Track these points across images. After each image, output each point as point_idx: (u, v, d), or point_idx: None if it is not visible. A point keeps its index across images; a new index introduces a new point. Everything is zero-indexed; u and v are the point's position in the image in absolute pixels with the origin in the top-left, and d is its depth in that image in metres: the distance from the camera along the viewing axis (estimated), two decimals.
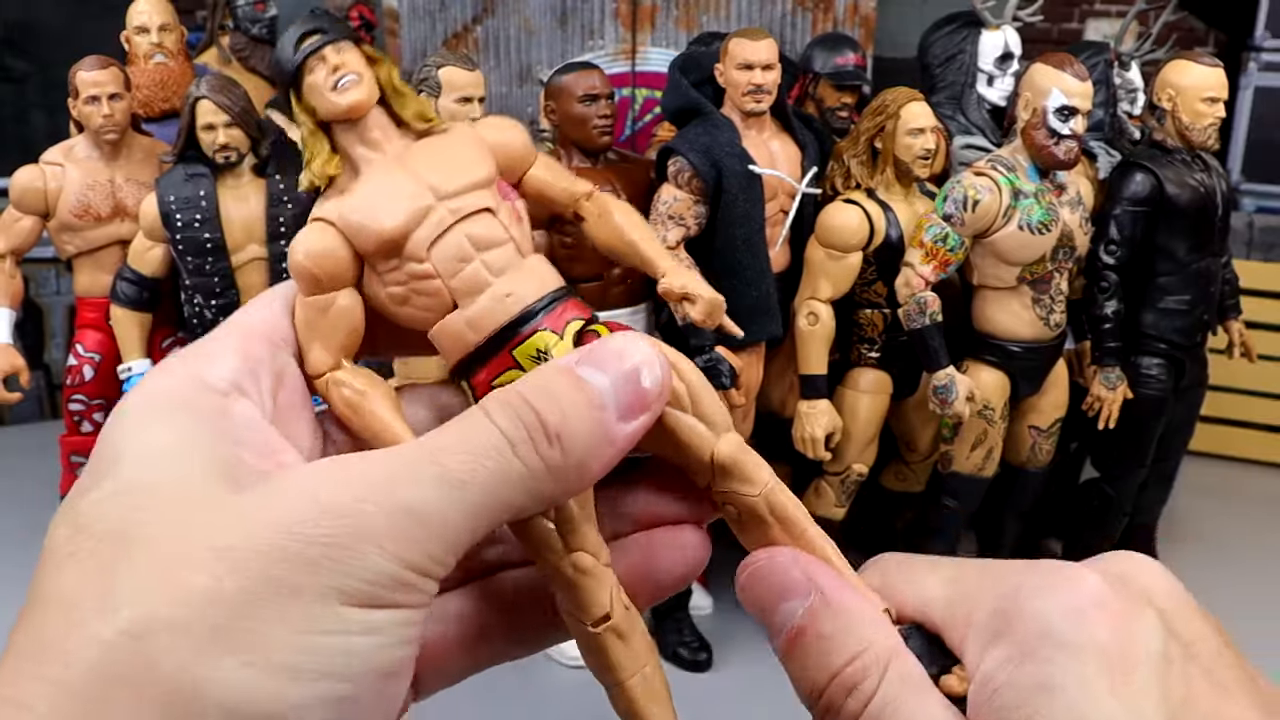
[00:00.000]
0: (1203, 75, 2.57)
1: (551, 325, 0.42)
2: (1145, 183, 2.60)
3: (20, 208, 2.67)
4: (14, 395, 2.66)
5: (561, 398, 0.36)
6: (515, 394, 0.35)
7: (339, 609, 0.31)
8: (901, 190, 2.55)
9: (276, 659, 0.30)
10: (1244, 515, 3.59)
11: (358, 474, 0.33)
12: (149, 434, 0.35)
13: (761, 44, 2.42)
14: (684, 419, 0.41)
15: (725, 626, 2.86)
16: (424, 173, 0.43)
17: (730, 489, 0.42)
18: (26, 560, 1.61)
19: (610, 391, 0.36)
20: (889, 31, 3.77)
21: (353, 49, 0.44)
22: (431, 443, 0.34)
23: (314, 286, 0.42)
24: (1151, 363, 2.72)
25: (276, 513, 0.32)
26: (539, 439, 0.35)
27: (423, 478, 0.33)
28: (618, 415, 0.36)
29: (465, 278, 0.42)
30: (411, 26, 3.24)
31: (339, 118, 0.44)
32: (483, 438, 0.34)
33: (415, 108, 0.45)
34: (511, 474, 0.34)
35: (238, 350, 0.39)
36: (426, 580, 0.33)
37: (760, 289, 2.46)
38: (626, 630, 0.41)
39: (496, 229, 0.43)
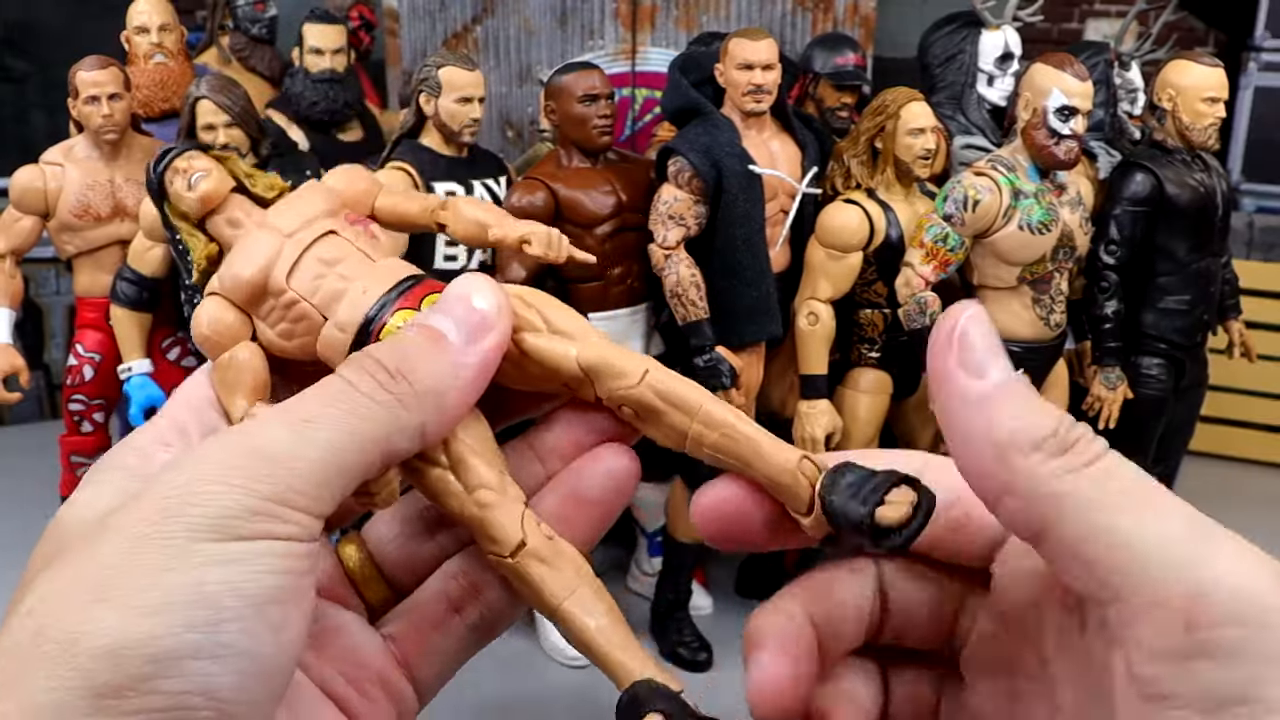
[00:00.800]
0: (1203, 75, 2.57)
1: (408, 304, 0.46)
2: (1145, 183, 2.60)
3: (20, 208, 2.67)
4: (14, 395, 2.66)
5: (401, 342, 0.40)
6: (360, 352, 0.40)
7: (197, 545, 0.34)
8: (902, 190, 2.55)
9: (142, 600, 0.32)
10: (1244, 515, 3.58)
11: (219, 436, 0.37)
12: (82, 490, 0.40)
13: (761, 44, 2.42)
14: (539, 338, 0.44)
15: (725, 626, 2.86)
16: (276, 223, 0.50)
17: (610, 389, 0.43)
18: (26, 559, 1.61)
19: (450, 325, 0.40)
20: (889, 31, 3.77)
21: (199, 155, 0.53)
22: (288, 401, 0.38)
23: (216, 349, 0.48)
24: (1151, 363, 2.72)
25: (153, 487, 0.35)
26: (382, 377, 0.38)
27: (270, 424, 0.37)
28: (462, 340, 0.40)
29: (325, 292, 0.47)
30: (411, 26, 3.24)
31: (201, 210, 0.52)
32: (331, 387, 0.38)
33: (265, 182, 0.53)
34: (361, 410, 0.37)
35: (167, 416, 0.44)
36: (288, 511, 0.35)
37: (760, 289, 2.46)
38: (549, 556, 0.42)
39: (343, 245, 0.49)
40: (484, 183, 2.54)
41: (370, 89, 3.46)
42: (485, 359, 0.41)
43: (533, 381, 0.44)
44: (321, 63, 2.97)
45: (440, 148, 2.49)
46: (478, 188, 2.53)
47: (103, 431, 2.80)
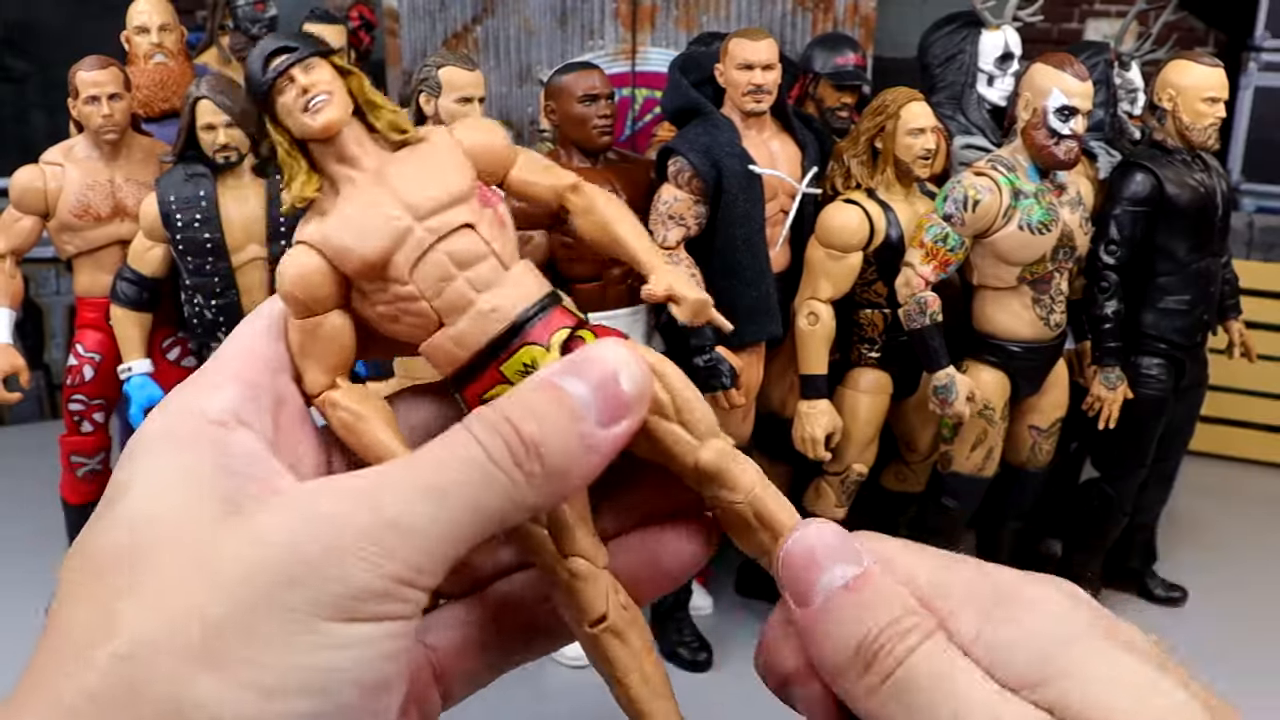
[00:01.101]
0: (1203, 75, 2.57)
1: (537, 337, 0.42)
2: (1145, 183, 2.60)
3: (20, 208, 2.67)
4: (14, 395, 2.66)
5: (539, 410, 0.36)
6: (494, 409, 0.36)
7: (318, 624, 0.31)
8: (902, 190, 2.55)
9: (255, 676, 0.30)
10: (1244, 515, 3.59)
11: (342, 490, 0.34)
12: (152, 469, 0.36)
13: (761, 44, 2.42)
14: (666, 426, 0.42)
15: (725, 626, 2.86)
16: (402, 190, 0.43)
17: (715, 495, 0.42)
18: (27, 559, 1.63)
19: (589, 399, 0.37)
20: (889, 31, 3.77)
21: (322, 65, 0.44)
22: (414, 458, 0.35)
23: (303, 310, 0.42)
24: (1151, 363, 2.72)
25: (264, 533, 0.33)
26: (517, 451, 0.35)
27: (403, 490, 0.34)
28: (598, 422, 0.37)
29: (449, 297, 0.42)
30: (411, 26, 3.24)
31: (314, 138, 0.44)
32: (463, 451, 0.35)
33: (388, 119, 0.45)
34: (492, 485, 0.35)
35: (236, 378, 0.39)
36: (410, 590, 0.33)
37: (760, 289, 2.46)
38: (624, 629, 0.42)
39: (477, 244, 0.43)
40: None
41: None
42: (618, 446, 0.38)
43: (640, 452, 0.42)
44: None
45: None
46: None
47: (103, 431, 2.80)
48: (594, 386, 0.37)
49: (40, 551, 2.97)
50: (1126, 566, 3.06)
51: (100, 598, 0.32)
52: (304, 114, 0.43)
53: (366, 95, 0.45)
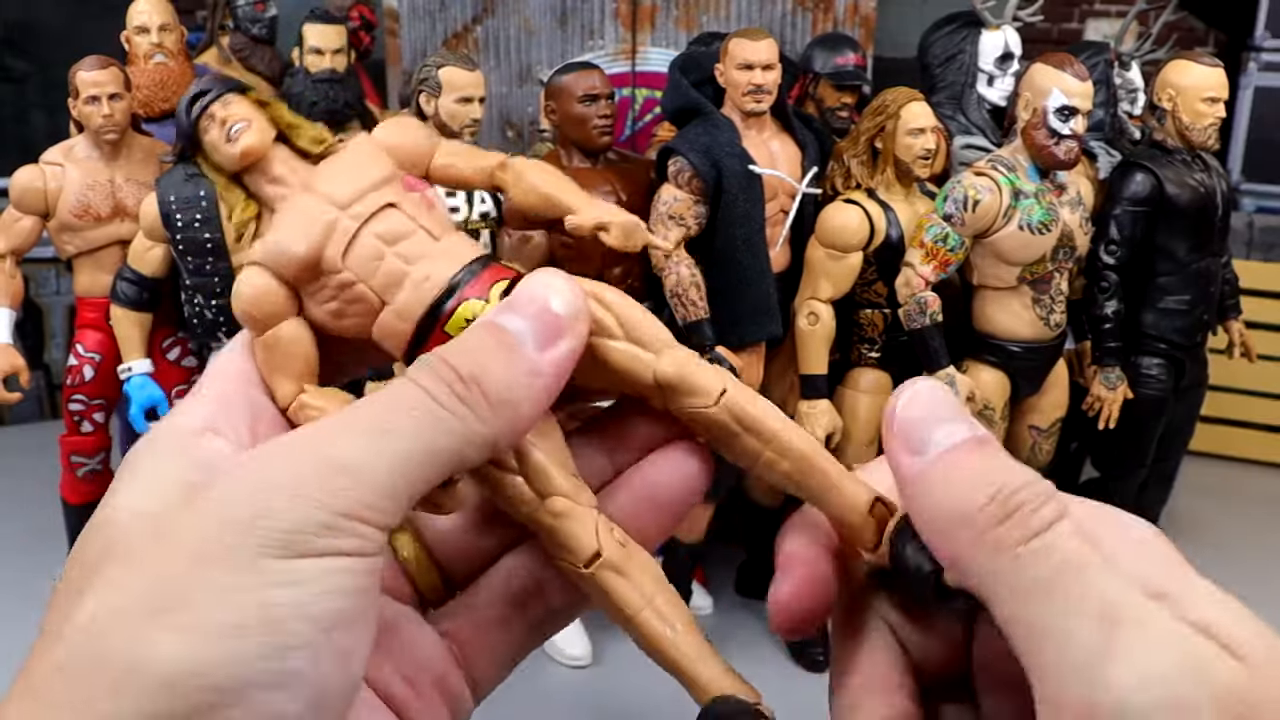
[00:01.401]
0: (1203, 75, 2.57)
1: (475, 293, 0.42)
2: (1145, 183, 2.60)
3: (20, 208, 2.67)
4: (14, 395, 2.66)
5: (475, 346, 0.37)
6: (432, 354, 0.37)
7: (263, 563, 0.32)
8: (902, 190, 2.55)
9: (205, 622, 0.31)
10: (1244, 515, 3.59)
11: (286, 441, 0.35)
12: (126, 480, 0.37)
13: (761, 44, 2.42)
14: (616, 345, 0.42)
15: (725, 626, 2.86)
16: (324, 189, 0.44)
17: (684, 406, 0.41)
18: (27, 559, 1.63)
19: (523, 327, 0.37)
20: (889, 31, 3.77)
21: (239, 99, 0.47)
22: (357, 405, 0.36)
23: (261, 327, 0.44)
24: (1151, 363, 2.72)
25: (216, 495, 0.34)
26: (457, 386, 0.36)
27: (346, 433, 0.35)
28: (536, 346, 0.37)
29: (383, 274, 0.43)
30: (411, 26, 3.24)
31: (239, 165, 0.46)
32: (405, 394, 0.36)
33: (310, 134, 0.47)
34: (439, 423, 0.35)
35: (210, 396, 0.41)
36: (361, 526, 0.33)
37: (760, 289, 2.46)
38: (622, 564, 0.41)
39: (403, 221, 0.44)
40: None
41: (370, 89, 3.46)
42: (560, 367, 0.38)
43: (602, 383, 0.43)
44: (321, 63, 2.97)
45: None
46: None
47: (103, 431, 2.80)
48: (527, 316, 0.38)
49: (40, 551, 2.97)
50: None
51: (74, 586, 0.34)
52: (226, 144, 0.46)
53: (285, 119, 0.47)
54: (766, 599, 0.41)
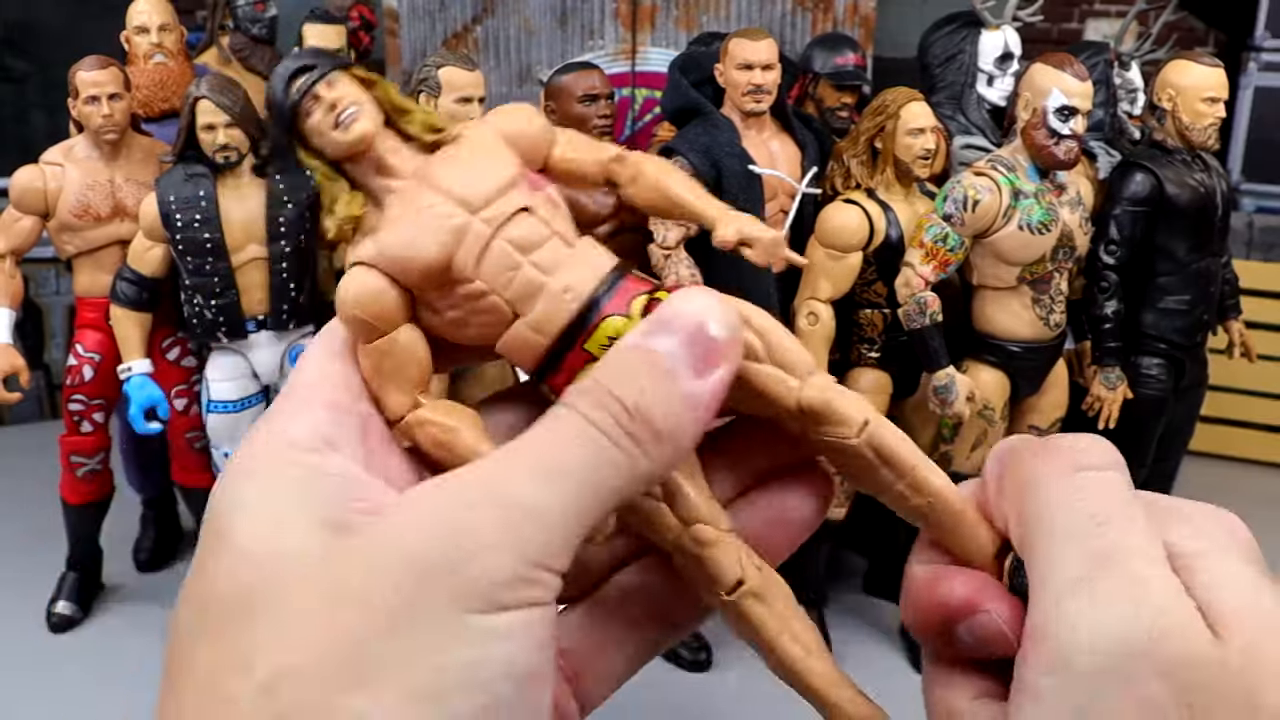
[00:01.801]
0: (1203, 75, 2.57)
1: (616, 309, 0.40)
2: (1145, 183, 2.60)
3: (20, 208, 2.67)
4: (14, 395, 2.66)
5: (636, 374, 0.35)
6: (591, 381, 0.35)
7: (465, 618, 0.30)
8: (901, 190, 2.55)
9: (408, 683, 0.29)
10: (1244, 515, 3.55)
11: (458, 484, 0.33)
12: (251, 506, 0.34)
13: (761, 44, 2.42)
14: (762, 369, 0.40)
15: (725, 626, 2.85)
16: (450, 187, 0.41)
17: (825, 434, 0.40)
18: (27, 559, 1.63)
19: (681, 353, 0.35)
20: (889, 31, 3.77)
21: (346, 79, 0.42)
22: (523, 442, 0.34)
23: (370, 332, 0.41)
24: (1151, 363, 2.72)
25: (387, 541, 0.32)
26: (624, 421, 0.34)
27: (521, 474, 0.33)
28: (694, 374, 0.35)
29: (519, 285, 0.40)
30: (411, 26, 3.24)
31: (348, 155, 0.42)
32: (571, 428, 0.34)
33: (421, 120, 0.43)
34: (606, 458, 0.33)
35: (319, 404, 0.38)
36: (547, 574, 0.32)
37: (760, 289, 2.46)
38: (763, 591, 0.40)
39: (538, 227, 0.42)
40: None
41: None
42: (718, 396, 0.36)
43: (743, 407, 0.41)
44: None
45: None
46: None
47: (102, 431, 2.80)
48: (683, 339, 0.36)
49: (40, 551, 2.97)
50: None
51: (228, 637, 0.31)
52: (335, 130, 0.42)
53: (395, 102, 0.43)
54: None
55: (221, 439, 2.69)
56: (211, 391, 2.67)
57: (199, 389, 2.74)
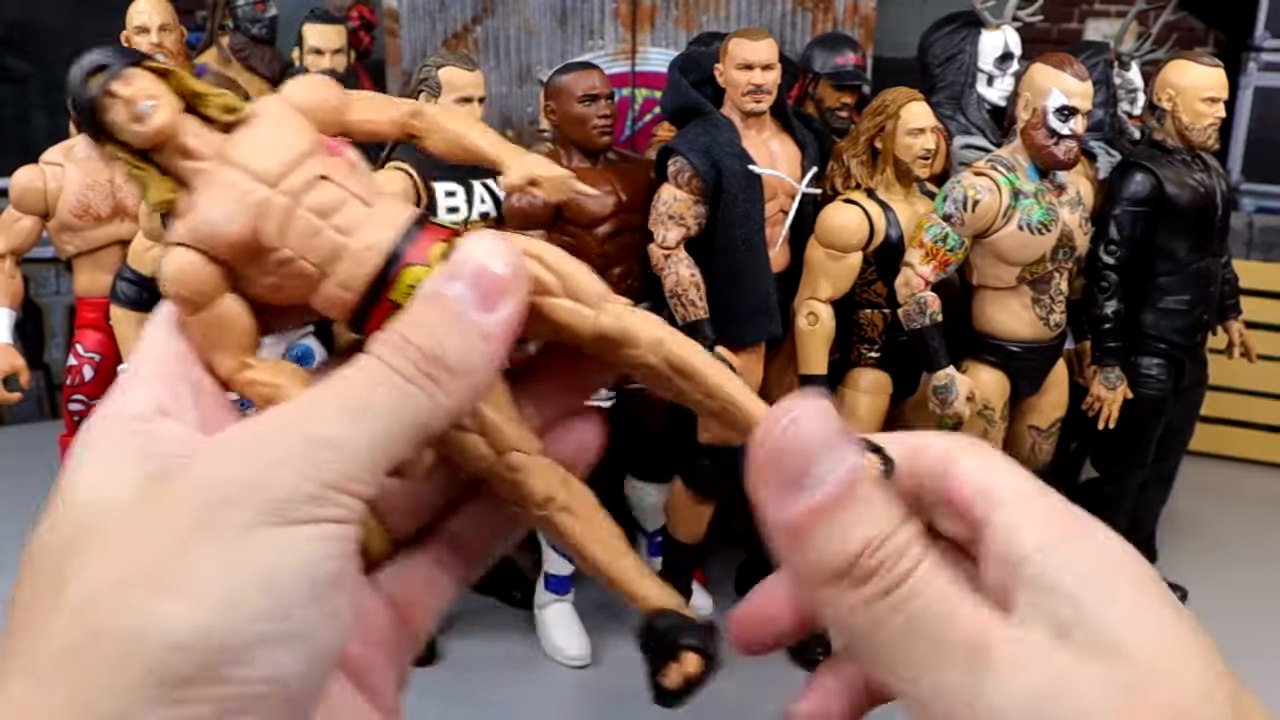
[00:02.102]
0: (1203, 75, 2.57)
1: (416, 258, 0.43)
2: (1145, 183, 2.60)
3: (20, 208, 2.67)
4: (14, 395, 2.66)
5: (429, 319, 0.38)
6: (391, 331, 0.38)
7: (259, 531, 0.33)
8: (901, 190, 2.55)
9: (206, 590, 0.32)
10: (1244, 515, 3.59)
11: (265, 424, 0.37)
12: (84, 469, 0.38)
13: (761, 44, 2.42)
14: (558, 302, 0.43)
15: (725, 626, 2.85)
16: (249, 163, 0.44)
17: (625, 356, 0.44)
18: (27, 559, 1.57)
19: (466, 294, 0.39)
20: (889, 31, 3.77)
21: (140, 73, 0.44)
22: (328, 384, 0.37)
23: (192, 306, 0.43)
24: (1151, 363, 2.72)
25: (192, 471, 0.35)
26: (420, 361, 0.37)
27: (325, 413, 0.36)
28: (482, 310, 0.39)
29: (322, 249, 0.43)
30: (411, 26, 3.24)
31: (151, 145, 0.44)
32: (375, 373, 0.37)
33: (219, 103, 0.45)
34: (409, 400, 0.37)
35: (154, 377, 0.41)
36: (343, 496, 0.35)
37: (760, 289, 2.46)
38: (570, 504, 0.44)
39: (334, 192, 0.44)
40: (484, 182, 2.54)
41: (370, 89, 3.46)
42: (507, 328, 0.39)
43: (542, 336, 0.45)
44: (321, 62, 2.97)
45: None
46: (477, 187, 2.53)
47: None
48: (469, 280, 0.39)
49: None
50: None
51: (51, 573, 0.34)
52: (135, 124, 0.44)
53: (191, 88, 0.45)
54: None
55: None
56: None
57: None
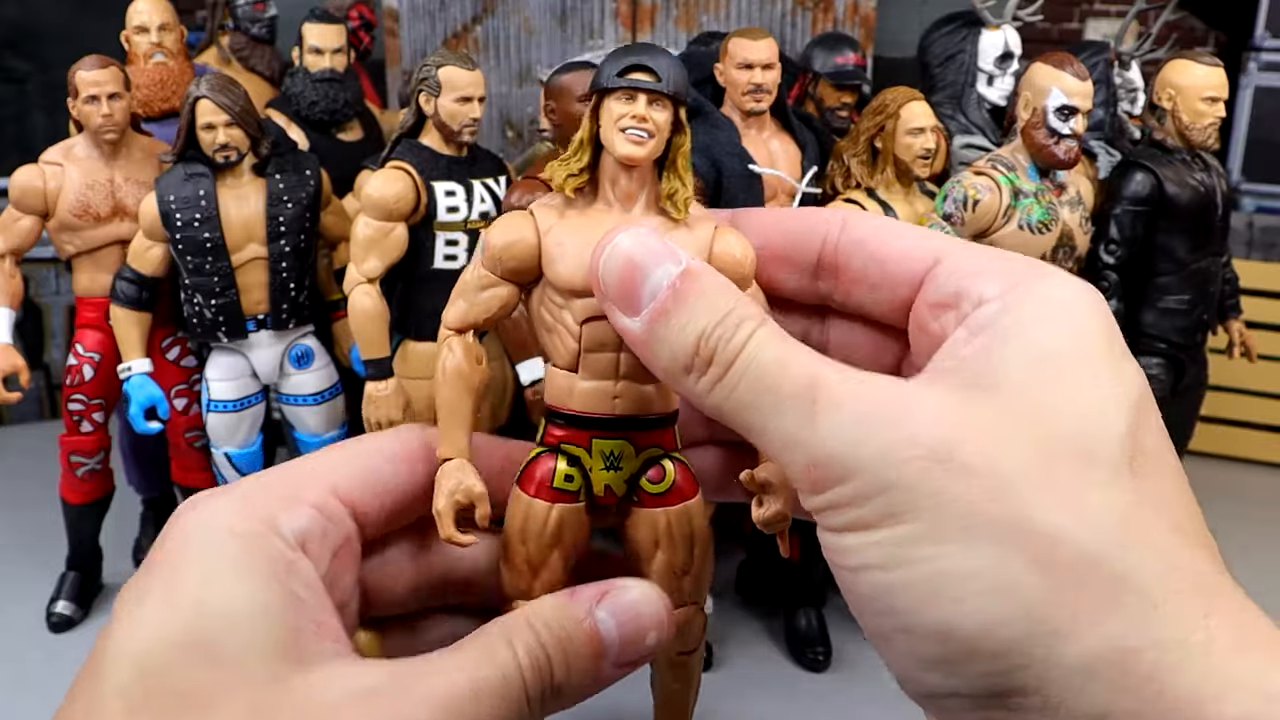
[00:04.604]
0: (1203, 75, 2.57)
1: (636, 440, 0.46)
2: (1145, 182, 2.60)
3: (20, 207, 2.67)
4: (14, 395, 2.66)
5: (574, 649, 0.41)
6: (540, 637, 0.40)
7: None
8: (901, 190, 2.55)
9: None
10: (1244, 515, 3.59)
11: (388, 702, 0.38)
12: (219, 578, 0.38)
13: (761, 43, 2.42)
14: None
15: (725, 626, 2.86)
16: None
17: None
18: (26, 559, 1.63)
19: (616, 642, 0.42)
20: (889, 31, 3.77)
21: (669, 109, 0.47)
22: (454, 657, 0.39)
23: (494, 265, 0.48)
24: (1151, 362, 2.72)
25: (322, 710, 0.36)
26: (545, 688, 0.40)
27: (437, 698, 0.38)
28: (615, 663, 0.42)
29: (596, 360, 0.46)
30: (411, 26, 3.24)
31: (619, 160, 0.47)
32: (500, 664, 0.40)
33: (682, 195, 0.48)
34: (510, 701, 0.39)
35: (316, 504, 0.42)
36: None
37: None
38: None
39: None
40: (484, 182, 2.54)
41: (370, 89, 3.46)
42: (621, 678, 0.43)
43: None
44: (321, 62, 2.97)
45: (440, 147, 2.49)
46: (477, 187, 2.53)
47: (103, 431, 2.80)
48: (625, 632, 0.42)
49: (40, 551, 2.97)
50: None
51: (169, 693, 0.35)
52: (620, 134, 0.47)
53: (680, 161, 0.49)
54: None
55: (221, 438, 2.69)
56: (211, 391, 2.67)
57: (199, 389, 2.74)
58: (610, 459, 0.46)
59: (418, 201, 2.41)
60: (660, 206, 0.49)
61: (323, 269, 2.78)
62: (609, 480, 0.51)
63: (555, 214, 0.49)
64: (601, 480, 0.52)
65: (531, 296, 0.50)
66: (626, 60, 0.48)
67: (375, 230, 2.37)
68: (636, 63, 0.48)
